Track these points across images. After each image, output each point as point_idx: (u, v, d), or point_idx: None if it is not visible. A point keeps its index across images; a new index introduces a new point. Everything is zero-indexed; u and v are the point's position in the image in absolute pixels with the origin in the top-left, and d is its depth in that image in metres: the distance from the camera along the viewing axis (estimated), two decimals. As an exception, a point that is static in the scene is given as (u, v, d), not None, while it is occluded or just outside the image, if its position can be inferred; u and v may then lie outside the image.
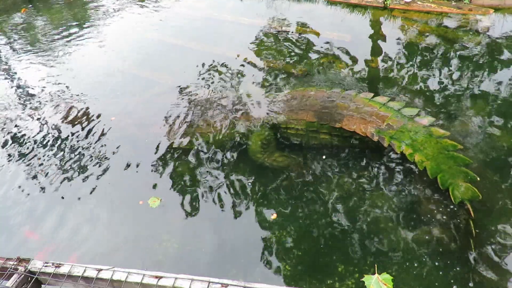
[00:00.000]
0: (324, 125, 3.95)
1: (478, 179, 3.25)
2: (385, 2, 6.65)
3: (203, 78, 5.41)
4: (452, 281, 2.96)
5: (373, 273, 1.98)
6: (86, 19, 7.85)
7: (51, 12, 8.40)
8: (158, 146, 4.37)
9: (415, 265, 3.09)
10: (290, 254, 3.29)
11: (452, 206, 3.36)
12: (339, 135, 3.96)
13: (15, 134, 4.91)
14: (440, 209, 3.39)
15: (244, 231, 3.50)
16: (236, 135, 4.25)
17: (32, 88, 5.83)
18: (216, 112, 4.52)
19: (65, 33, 7.32)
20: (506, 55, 5.16)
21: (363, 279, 1.90)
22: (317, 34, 6.18)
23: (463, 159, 3.34)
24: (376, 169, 3.85)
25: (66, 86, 5.73)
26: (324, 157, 3.97)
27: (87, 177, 4.15)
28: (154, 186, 3.94)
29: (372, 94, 4.04)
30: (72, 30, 7.41)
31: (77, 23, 7.72)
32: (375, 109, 3.80)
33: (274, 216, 3.52)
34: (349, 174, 3.83)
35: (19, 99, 5.64)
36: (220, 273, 3.21)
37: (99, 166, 4.25)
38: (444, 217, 3.35)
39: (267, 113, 4.30)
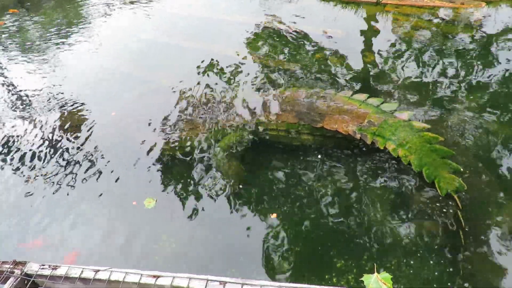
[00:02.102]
0: (306, 126, 3.95)
1: (462, 169, 3.29)
2: (378, -2, 6.66)
3: (197, 77, 5.39)
4: (445, 273, 2.98)
5: (372, 272, 1.98)
6: (78, 19, 7.78)
7: (42, 13, 8.33)
8: (153, 147, 4.35)
9: (410, 258, 3.11)
10: (288, 251, 3.30)
11: (440, 198, 3.38)
12: (321, 135, 3.96)
13: (10, 136, 4.87)
14: (432, 202, 3.41)
15: (242, 229, 3.50)
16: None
17: (25, 90, 5.78)
18: (207, 113, 4.50)
19: (57, 34, 7.25)
20: (498, 47, 5.19)
21: (362, 279, 1.89)
22: (310, 30, 6.18)
23: (446, 151, 3.37)
24: (366, 165, 3.85)
25: (59, 87, 5.69)
26: (319, 156, 3.96)
27: (81, 178, 4.12)
28: (149, 187, 3.92)
29: (351, 92, 4.05)
30: (64, 31, 7.35)
31: (69, 23, 7.66)
32: (355, 107, 3.81)
33: (274, 215, 3.52)
34: (338, 172, 3.84)
35: (12, 100, 5.59)
36: (218, 271, 3.20)
37: (92, 167, 4.22)
38: (436, 209, 3.37)
39: (248, 115, 4.27)
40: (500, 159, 3.72)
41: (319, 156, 4.00)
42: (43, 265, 2.24)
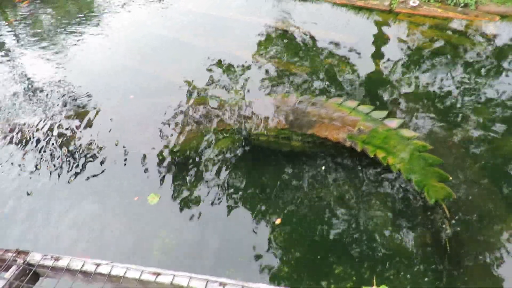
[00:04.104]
0: (296, 132, 3.94)
1: (450, 178, 3.32)
2: (391, 6, 6.63)
3: (203, 76, 5.38)
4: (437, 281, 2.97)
5: (372, 284, 1.98)
6: (92, 12, 7.82)
7: (56, 5, 8.38)
8: (158, 144, 4.36)
9: (409, 267, 3.10)
10: (288, 255, 3.30)
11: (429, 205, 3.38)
12: (311, 141, 3.96)
13: (19, 128, 4.90)
14: (431, 211, 3.39)
15: (243, 230, 3.51)
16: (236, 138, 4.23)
17: (37, 82, 5.82)
18: (203, 115, 4.49)
19: (69, 27, 7.31)
20: (510, 62, 5.15)
21: None
22: (322, 34, 6.17)
23: (435, 159, 3.38)
24: (361, 172, 3.83)
25: (70, 81, 5.73)
26: (323, 168, 3.92)
27: (86, 171, 4.15)
28: (153, 183, 3.94)
29: (342, 99, 4.04)
30: (77, 24, 7.39)
31: (82, 16, 7.71)
32: (345, 114, 3.80)
33: (279, 221, 3.51)
34: (328, 179, 3.82)
35: (23, 93, 5.63)
36: (218, 270, 3.21)
37: (96, 161, 4.24)
38: (429, 217, 3.35)
39: (240, 121, 4.27)
40: (504, 173, 3.69)
41: (317, 162, 3.98)
42: (46, 255, 2.25)
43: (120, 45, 6.57)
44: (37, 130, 4.74)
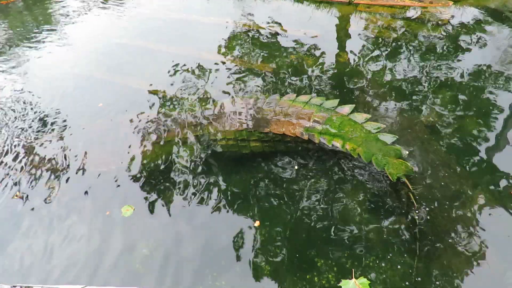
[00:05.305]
0: (253, 133, 3.95)
1: (407, 152, 3.44)
2: (350, -2, 6.75)
3: (167, 81, 5.30)
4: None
5: (351, 276, 2.01)
6: (49, 23, 7.52)
7: (9, 16, 8.00)
8: (128, 153, 4.25)
9: (384, 251, 3.17)
10: (270, 254, 3.30)
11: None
12: (269, 140, 3.98)
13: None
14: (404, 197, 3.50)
15: (223, 235, 3.47)
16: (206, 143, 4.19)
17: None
18: (161, 123, 4.44)
19: (26, 40, 6.99)
20: (464, 44, 5.36)
21: (340, 284, 1.92)
22: (285, 31, 6.20)
23: (390, 136, 3.51)
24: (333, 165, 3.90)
25: (31, 94, 5.48)
26: (296, 167, 3.93)
27: (49, 189, 3.99)
28: (125, 195, 3.84)
29: (295, 95, 4.12)
30: (35, 36, 7.09)
31: (39, 26, 7.39)
32: (299, 109, 3.87)
33: (257, 223, 3.50)
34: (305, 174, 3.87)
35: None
36: (202, 275, 3.17)
37: (63, 175, 4.09)
38: (402, 201, 3.45)
39: (195, 125, 4.25)
40: (468, 153, 3.84)
41: (286, 160, 4.00)
42: (14, 286, 2.15)
43: (82, 57, 6.35)
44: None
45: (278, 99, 4.08)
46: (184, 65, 5.62)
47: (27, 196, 3.97)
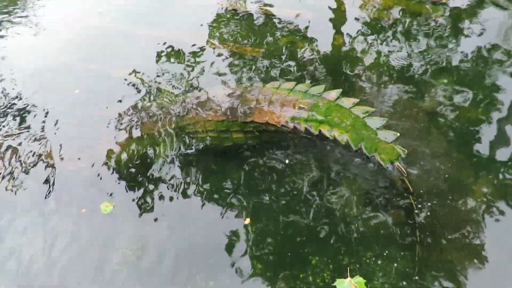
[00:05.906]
0: (235, 123, 3.74)
1: (398, 134, 3.29)
2: (345, -24, 6.43)
3: (147, 68, 5.02)
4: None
5: (346, 277, 1.85)
6: (16, 6, 7.08)
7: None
8: (103, 152, 4.01)
9: (382, 246, 3.04)
10: (261, 252, 3.15)
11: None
12: (252, 131, 3.78)
13: None
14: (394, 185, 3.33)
15: (211, 233, 3.33)
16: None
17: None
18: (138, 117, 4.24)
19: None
20: (465, 24, 5.15)
21: (334, 284, 1.75)
22: (276, 12, 5.92)
23: (379, 120, 3.40)
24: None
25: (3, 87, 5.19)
26: (287, 161, 3.74)
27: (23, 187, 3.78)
28: (103, 192, 3.63)
29: (279, 83, 3.96)
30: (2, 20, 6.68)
31: (5, 12, 6.95)
32: (284, 96, 3.71)
33: (248, 220, 3.34)
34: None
35: None
36: (190, 276, 3.01)
37: (36, 172, 3.86)
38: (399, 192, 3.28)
39: (174, 117, 4.02)
40: (469, 141, 3.66)
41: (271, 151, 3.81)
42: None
43: (55, 42, 6.00)
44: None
45: (261, 86, 3.91)
46: (166, 49, 5.34)
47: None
